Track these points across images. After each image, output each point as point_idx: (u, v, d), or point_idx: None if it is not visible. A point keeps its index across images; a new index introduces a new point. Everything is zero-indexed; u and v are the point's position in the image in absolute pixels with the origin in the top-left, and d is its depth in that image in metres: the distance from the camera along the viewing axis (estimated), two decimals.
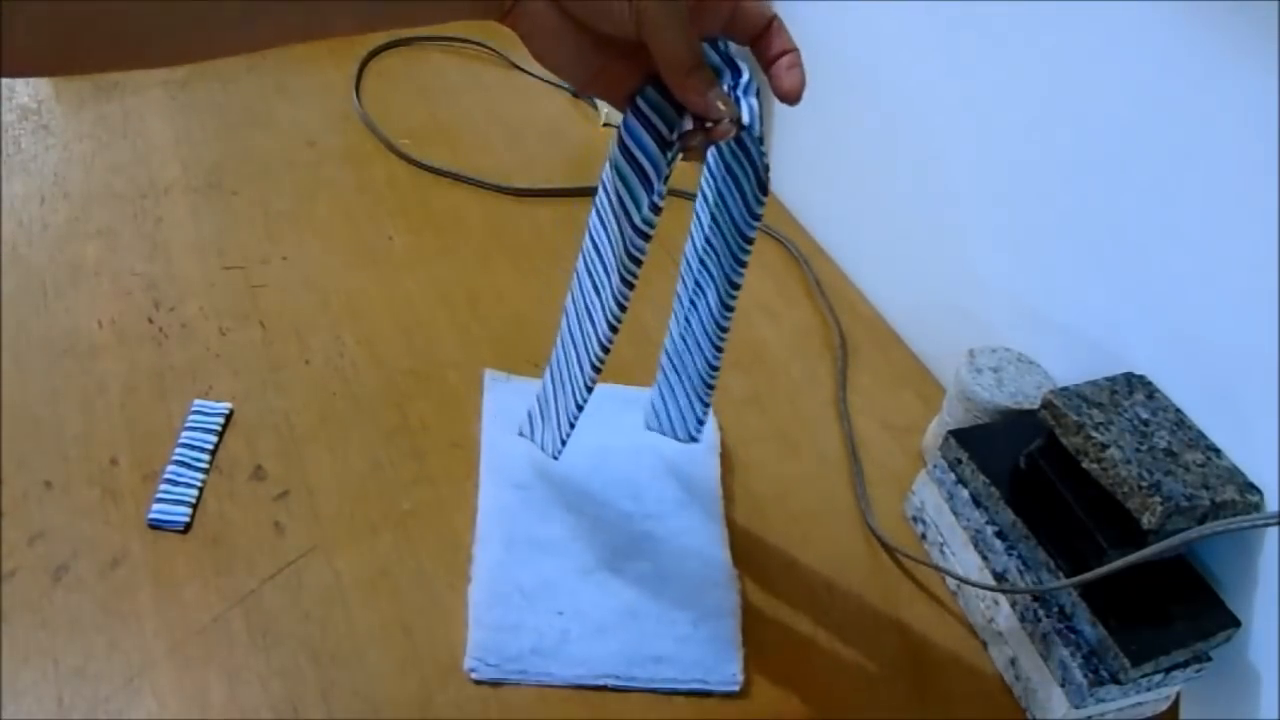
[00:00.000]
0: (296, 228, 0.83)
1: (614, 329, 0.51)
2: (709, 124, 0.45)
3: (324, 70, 1.03)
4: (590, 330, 0.53)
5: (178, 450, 0.63)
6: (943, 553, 0.67)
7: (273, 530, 0.61)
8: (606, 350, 0.52)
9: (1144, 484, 0.54)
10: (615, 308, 0.50)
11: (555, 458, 0.60)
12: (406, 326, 0.76)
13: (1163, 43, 0.59)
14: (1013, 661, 0.61)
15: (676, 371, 0.62)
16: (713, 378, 0.59)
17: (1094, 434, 0.57)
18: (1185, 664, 0.57)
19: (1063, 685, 0.57)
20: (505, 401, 0.70)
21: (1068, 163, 0.67)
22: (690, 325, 0.59)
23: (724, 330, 0.57)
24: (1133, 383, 0.62)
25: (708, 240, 0.55)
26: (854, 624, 0.63)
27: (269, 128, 0.94)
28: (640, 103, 0.45)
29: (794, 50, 0.46)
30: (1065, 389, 0.61)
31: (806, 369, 0.81)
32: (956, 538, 0.66)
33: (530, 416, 0.62)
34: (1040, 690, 0.59)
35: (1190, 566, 0.60)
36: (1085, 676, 0.56)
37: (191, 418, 0.66)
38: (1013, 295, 0.74)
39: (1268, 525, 0.55)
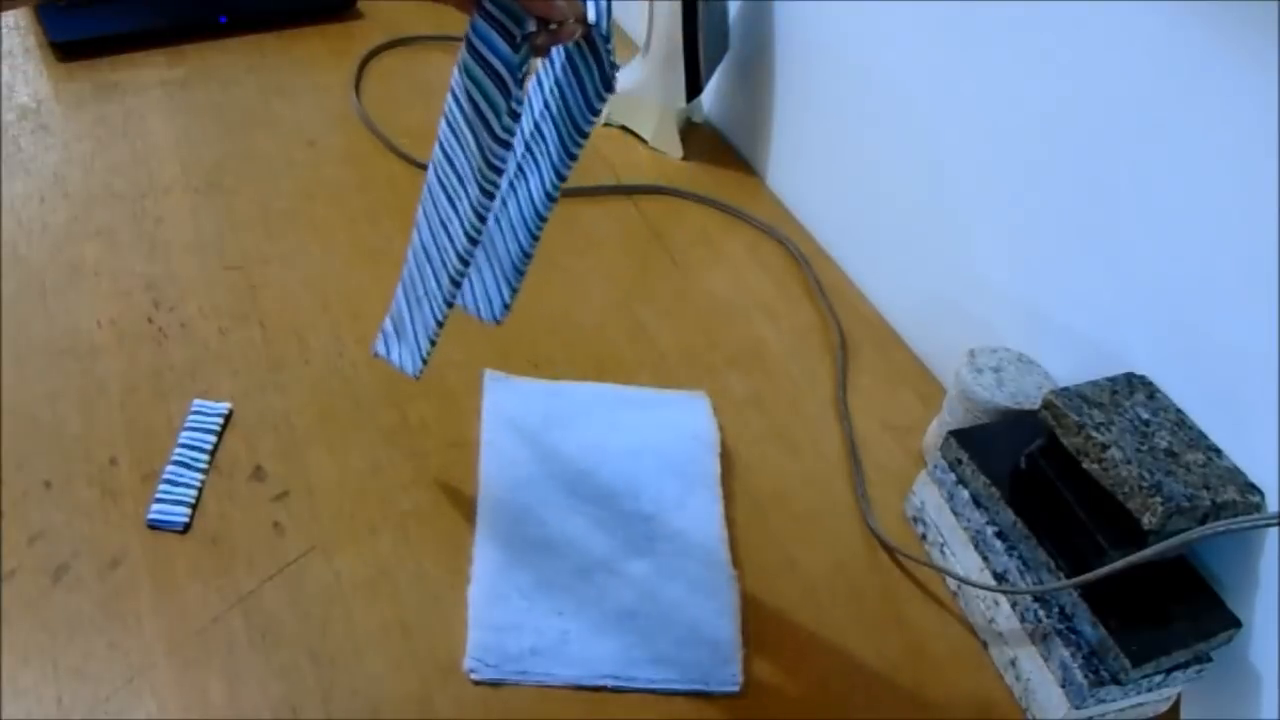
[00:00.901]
0: (296, 228, 0.83)
1: (474, 241, 0.50)
2: (554, 24, 0.44)
3: (324, 70, 1.03)
4: (447, 244, 0.51)
5: (177, 450, 0.63)
6: (943, 553, 0.67)
7: (272, 530, 0.61)
8: (466, 264, 0.51)
9: (1144, 484, 0.54)
10: (474, 219, 0.49)
11: (416, 377, 0.59)
12: None
13: (1162, 42, 0.59)
14: (1013, 662, 0.61)
15: (484, 251, 0.60)
16: (525, 264, 0.58)
17: (1094, 434, 0.57)
18: (1186, 664, 0.57)
19: (1063, 685, 0.57)
20: (505, 401, 0.70)
21: (1068, 162, 0.67)
22: (506, 208, 0.57)
23: (543, 219, 0.56)
24: (1133, 383, 0.62)
25: (537, 126, 0.54)
26: (854, 624, 0.63)
27: (269, 128, 0.94)
28: (487, 4, 0.44)
29: None
30: (1065, 389, 0.61)
31: (806, 369, 0.80)
32: (957, 538, 0.66)
33: (384, 334, 0.60)
34: (1040, 690, 0.59)
35: (1190, 567, 0.59)
36: (1085, 677, 0.56)
37: (191, 418, 0.66)
38: (1013, 295, 0.74)
39: (1268, 525, 0.55)
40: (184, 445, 0.64)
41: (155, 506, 0.60)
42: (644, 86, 0.97)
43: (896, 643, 0.62)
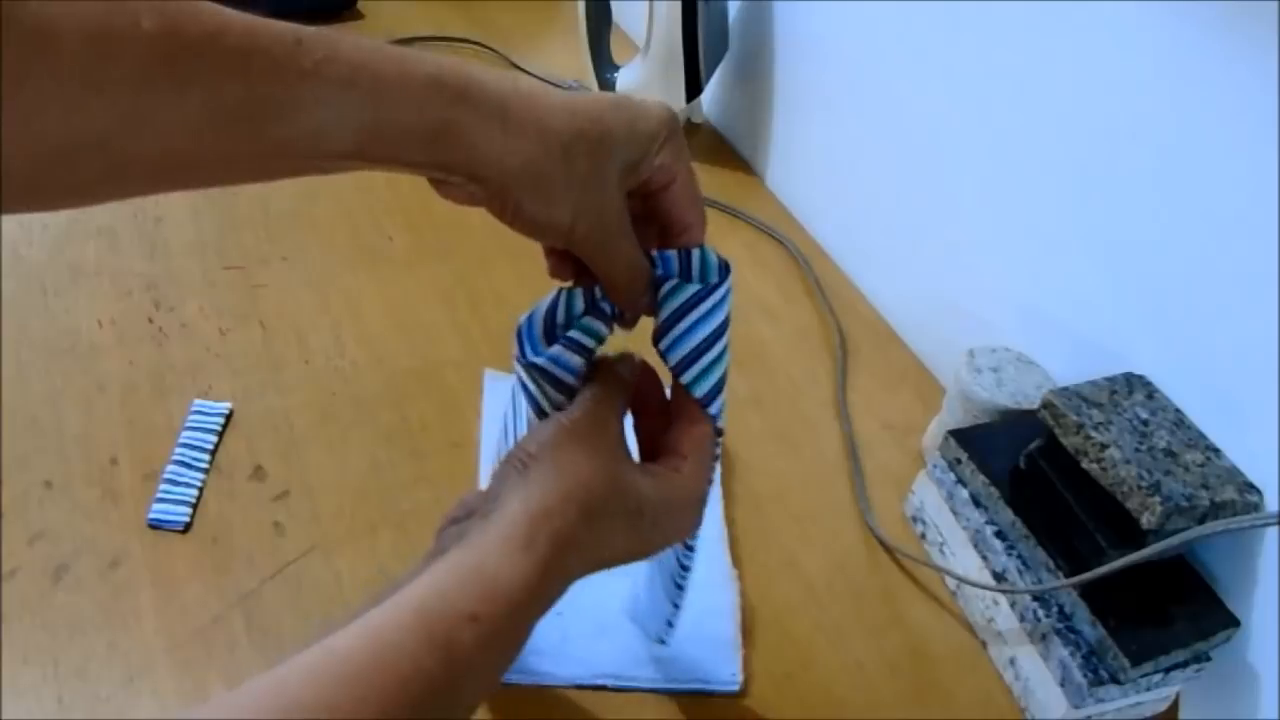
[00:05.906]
0: (296, 228, 0.83)
1: None
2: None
3: None
4: None
5: (178, 450, 0.64)
6: (942, 552, 0.67)
7: (273, 530, 0.61)
8: None
9: (1144, 484, 0.54)
10: None
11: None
12: (406, 326, 0.76)
13: (1163, 43, 0.59)
14: (1012, 661, 0.61)
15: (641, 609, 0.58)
16: (677, 608, 0.54)
17: (1094, 434, 0.57)
18: (1185, 664, 0.57)
19: (1062, 685, 0.57)
20: (505, 401, 0.70)
21: (1068, 163, 0.67)
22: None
23: (686, 570, 0.53)
24: (1132, 383, 0.62)
25: None
26: (854, 624, 0.63)
27: None
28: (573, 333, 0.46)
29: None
30: (1065, 389, 0.61)
31: (806, 369, 0.81)
32: (956, 537, 0.66)
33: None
34: (1040, 690, 0.59)
35: (1190, 566, 0.60)
36: (1085, 676, 0.56)
37: (191, 418, 0.66)
38: (1012, 295, 0.74)
39: (1267, 525, 0.55)
40: (184, 445, 0.64)
41: (156, 506, 0.60)
42: (644, 87, 0.97)
43: (896, 642, 0.62)
